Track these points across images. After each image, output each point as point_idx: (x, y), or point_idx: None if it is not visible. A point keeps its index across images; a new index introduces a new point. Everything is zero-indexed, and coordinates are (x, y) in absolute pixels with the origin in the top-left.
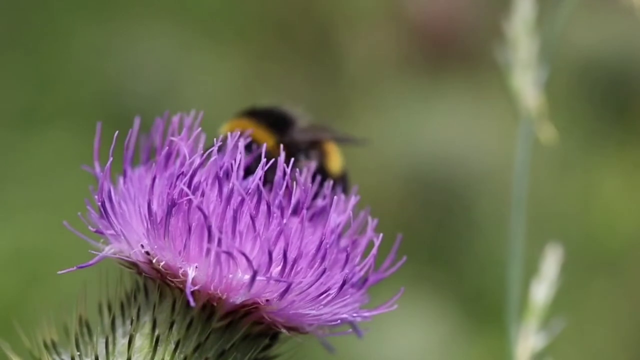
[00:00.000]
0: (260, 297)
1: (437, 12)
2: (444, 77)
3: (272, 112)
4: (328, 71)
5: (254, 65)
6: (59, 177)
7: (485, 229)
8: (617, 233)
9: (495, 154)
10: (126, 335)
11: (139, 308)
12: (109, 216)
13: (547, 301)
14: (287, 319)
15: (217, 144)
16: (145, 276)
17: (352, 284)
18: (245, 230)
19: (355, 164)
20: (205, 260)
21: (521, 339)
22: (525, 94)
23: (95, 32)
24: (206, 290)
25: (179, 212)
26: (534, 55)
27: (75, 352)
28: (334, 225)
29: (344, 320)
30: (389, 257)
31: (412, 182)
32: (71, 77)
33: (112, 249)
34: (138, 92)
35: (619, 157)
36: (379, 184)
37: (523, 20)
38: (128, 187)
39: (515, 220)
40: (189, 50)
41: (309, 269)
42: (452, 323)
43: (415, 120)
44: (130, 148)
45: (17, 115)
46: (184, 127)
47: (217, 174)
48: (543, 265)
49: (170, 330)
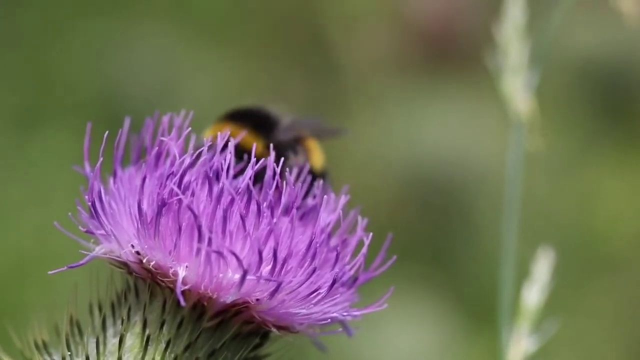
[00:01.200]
0: (250, 296)
1: (435, 12)
2: (442, 78)
3: (256, 114)
4: (326, 72)
5: (252, 65)
6: (55, 177)
7: (483, 229)
8: (615, 235)
9: (493, 155)
10: (117, 335)
11: (129, 308)
12: (99, 216)
13: (539, 304)
14: (277, 318)
15: (206, 144)
16: (135, 276)
17: (342, 283)
18: (236, 229)
19: (352, 165)
20: (196, 260)
21: (513, 342)
22: (516, 99)
23: (93, 32)
24: (196, 289)
25: (169, 212)
26: (525, 59)
27: (66, 352)
28: (324, 224)
29: (334, 319)
30: (379, 255)
31: (410, 183)
32: (68, 77)
33: (103, 249)
34: (135, 92)
35: (617, 158)
36: (376, 184)
37: (514, 24)
38: (118, 187)
39: (507, 227)
40: (187, 50)
41: (299, 268)
42: (450, 324)
43: (413, 121)
44: (120, 148)
45: (14, 115)
46: (174, 127)
47: (207, 173)
48: (535, 268)
49: (160, 329)
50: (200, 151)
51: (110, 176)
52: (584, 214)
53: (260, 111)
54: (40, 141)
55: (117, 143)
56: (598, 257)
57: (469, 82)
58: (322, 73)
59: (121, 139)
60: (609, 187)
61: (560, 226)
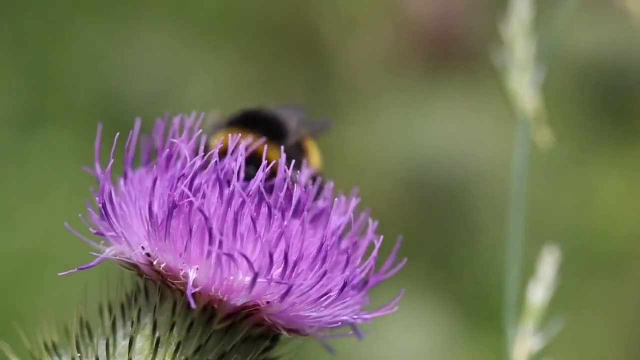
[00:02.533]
0: (261, 299)
1: (435, 12)
2: (442, 78)
3: (268, 120)
4: (325, 73)
5: (252, 66)
6: (59, 179)
7: (485, 229)
8: (617, 234)
9: (495, 155)
10: (127, 337)
11: (139, 310)
12: (110, 218)
13: (544, 303)
14: (287, 321)
15: (217, 147)
16: (146, 278)
17: (353, 286)
18: (247, 232)
19: (352, 165)
20: (206, 263)
21: (518, 341)
22: (522, 97)
23: (93, 32)
24: (207, 292)
25: (180, 214)
26: (531, 57)
27: (75, 354)
28: (334, 227)
29: (344, 323)
30: (390, 259)
31: (411, 184)
32: (69, 78)
33: (113, 250)
34: (136, 93)
35: (619, 157)
36: (377, 186)
37: (520, 21)
38: (129, 189)
39: (514, 225)
40: (186, 50)
41: (310, 271)
42: (452, 324)
43: (413, 121)
44: (131, 150)
45: (16, 116)
46: (185, 129)
47: (219, 176)
48: (540, 266)
49: (171, 332)
50: (211, 153)
51: (120, 178)
52: (585, 213)
53: (272, 116)
54: (42, 142)
55: (128, 144)
56: (599, 256)
57: (470, 82)
58: (321, 74)
59: (132, 141)
60: (610, 186)
61: (561, 225)
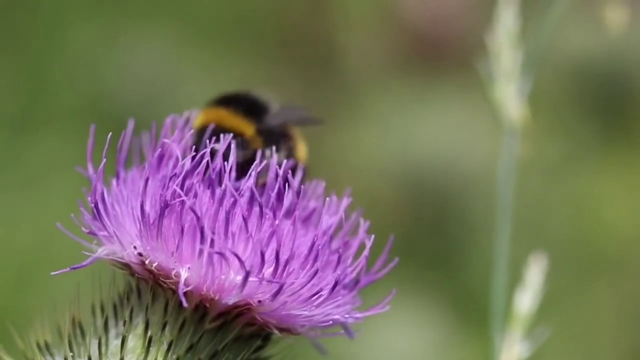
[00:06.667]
0: (252, 298)
1: (432, 15)
2: (438, 81)
3: (245, 99)
4: (324, 73)
5: (251, 67)
6: (51, 180)
7: (477, 232)
8: (612, 237)
9: (488, 158)
10: (119, 336)
11: (131, 309)
12: (102, 217)
13: (531, 310)
14: (279, 320)
15: (210, 146)
16: (138, 277)
17: (344, 285)
18: (238, 231)
19: (347, 167)
20: (198, 262)
21: (505, 348)
22: (508, 106)
23: (89, 34)
24: (199, 291)
25: (171, 213)
26: (517, 66)
27: (68, 353)
28: (326, 226)
29: (335, 322)
30: (381, 258)
31: (405, 186)
32: (64, 79)
33: (105, 250)
34: (132, 95)
35: (612, 160)
36: (371, 187)
37: (506, 30)
38: (121, 189)
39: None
40: (186, 50)
41: (301, 270)
42: (445, 326)
43: (408, 124)
44: (123, 150)
45: (9, 118)
46: (177, 128)
47: (210, 175)
48: (527, 274)
49: (162, 331)
50: (202, 153)
51: (113, 178)
52: (580, 216)
53: (249, 95)
54: (36, 144)
55: (119, 145)
56: (595, 259)
57: (464, 85)
58: (320, 75)
59: (124, 141)
60: (604, 189)
61: (556, 229)
